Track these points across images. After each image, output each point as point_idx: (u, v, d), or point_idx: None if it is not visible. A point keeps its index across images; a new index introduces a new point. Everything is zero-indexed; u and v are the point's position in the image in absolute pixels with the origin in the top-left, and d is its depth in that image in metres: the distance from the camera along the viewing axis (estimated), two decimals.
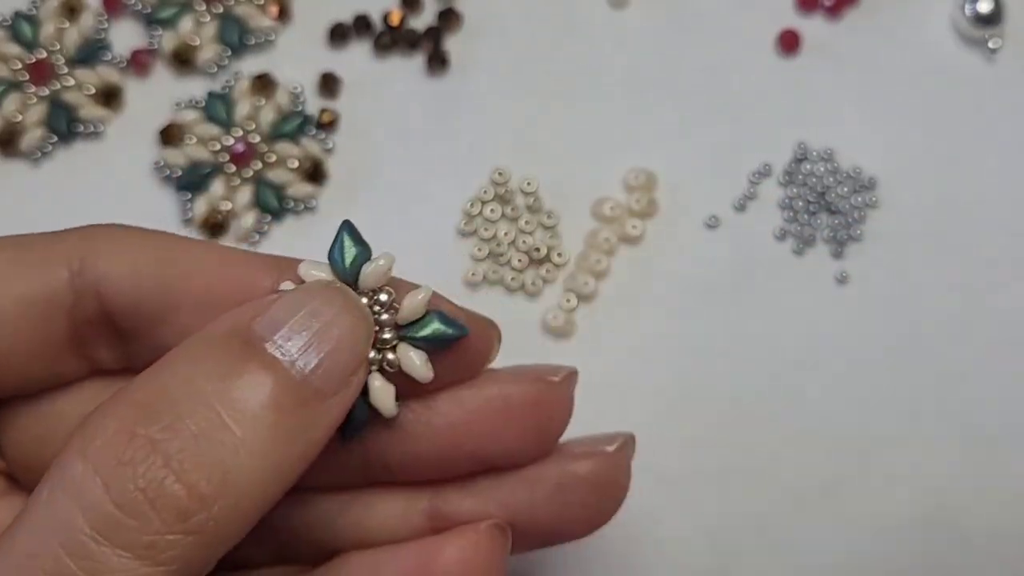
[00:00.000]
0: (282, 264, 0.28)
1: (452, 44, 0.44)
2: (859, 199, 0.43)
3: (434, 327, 0.27)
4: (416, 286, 0.28)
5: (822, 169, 0.43)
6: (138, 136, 0.43)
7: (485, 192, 0.42)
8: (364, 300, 0.27)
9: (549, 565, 0.39)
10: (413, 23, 0.45)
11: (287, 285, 0.27)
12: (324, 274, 0.27)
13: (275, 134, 0.43)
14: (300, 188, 0.43)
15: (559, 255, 0.42)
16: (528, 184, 0.42)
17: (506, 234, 0.42)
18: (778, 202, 0.43)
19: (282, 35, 0.45)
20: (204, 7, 0.44)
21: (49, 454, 0.27)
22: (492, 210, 0.42)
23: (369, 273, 0.27)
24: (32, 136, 0.42)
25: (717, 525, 0.40)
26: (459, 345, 0.27)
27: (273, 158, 0.43)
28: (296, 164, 0.43)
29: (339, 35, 0.44)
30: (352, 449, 0.28)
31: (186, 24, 0.44)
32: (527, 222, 0.42)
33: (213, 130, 0.43)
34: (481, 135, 0.43)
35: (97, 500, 0.21)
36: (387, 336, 0.27)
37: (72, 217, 0.42)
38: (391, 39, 0.44)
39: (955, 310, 0.42)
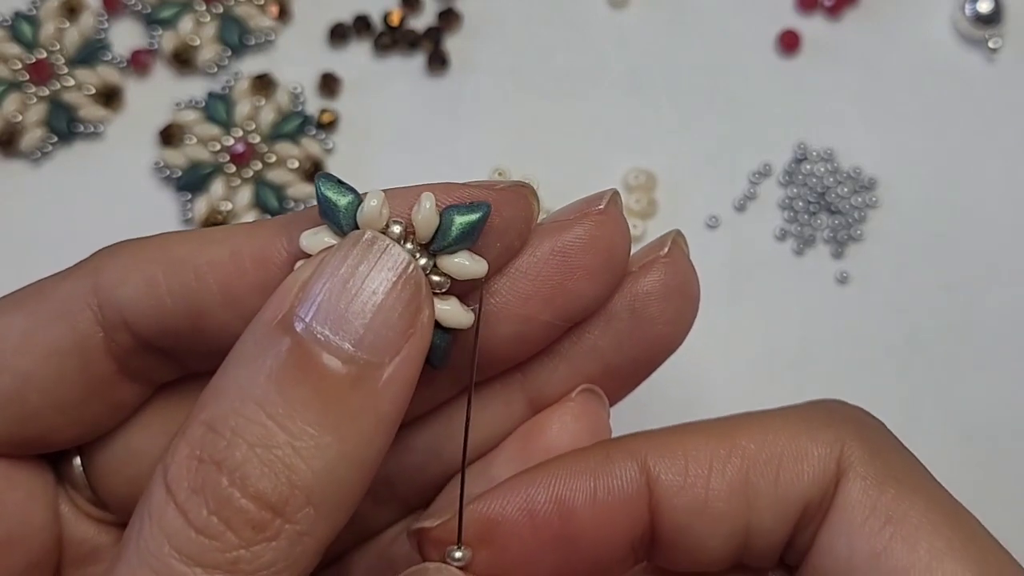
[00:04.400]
0: (289, 224, 0.26)
1: (452, 44, 0.44)
2: (859, 199, 0.43)
3: (457, 224, 0.25)
4: (415, 193, 0.25)
5: (822, 169, 0.43)
6: (138, 136, 0.43)
7: None
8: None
9: None
10: (413, 23, 0.45)
11: (300, 265, 0.25)
12: (326, 237, 0.25)
13: (275, 134, 0.43)
14: (300, 188, 0.43)
15: None
16: None
17: None
18: (778, 202, 0.43)
19: (282, 35, 0.45)
20: (204, 7, 0.44)
21: (141, 491, 0.27)
22: None
23: (365, 217, 0.24)
24: (32, 136, 0.42)
25: None
26: (493, 222, 0.25)
27: (273, 158, 0.43)
28: (296, 164, 0.43)
29: (339, 35, 0.44)
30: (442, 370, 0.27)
31: (186, 24, 0.44)
32: None
33: (213, 130, 0.43)
34: (481, 135, 0.43)
35: (179, 528, 0.22)
36: (423, 262, 0.25)
37: (72, 217, 0.42)
38: (391, 39, 0.44)
39: (955, 310, 0.42)
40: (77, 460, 0.29)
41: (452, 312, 0.25)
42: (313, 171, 0.43)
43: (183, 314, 0.26)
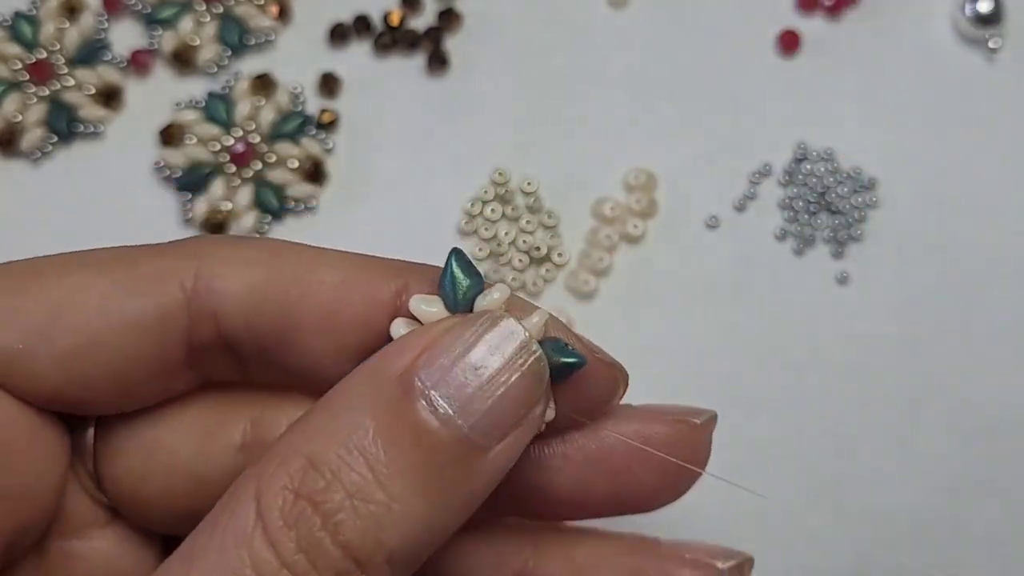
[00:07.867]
0: (403, 271, 0.26)
1: (452, 44, 0.44)
2: (859, 199, 0.43)
3: (552, 357, 0.25)
4: (531, 308, 0.25)
5: (822, 169, 0.43)
6: (138, 136, 0.43)
7: (485, 192, 0.42)
8: None
9: None
10: (413, 23, 0.45)
11: (398, 326, 0.25)
12: (436, 308, 0.25)
13: (275, 134, 0.43)
14: (300, 188, 0.43)
15: (559, 255, 0.42)
16: (528, 184, 0.42)
17: (507, 234, 0.42)
18: (778, 202, 0.43)
19: (282, 35, 0.45)
20: (204, 7, 0.44)
21: (150, 487, 0.28)
22: (492, 210, 0.42)
23: (484, 308, 0.25)
24: (32, 136, 0.42)
25: (717, 524, 0.40)
26: (580, 380, 0.25)
27: (273, 158, 0.43)
28: (296, 164, 0.43)
29: (339, 35, 0.44)
30: None
31: (186, 24, 0.44)
32: (528, 222, 0.42)
33: (213, 130, 0.43)
34: (481, 135, 0.43)
35: (265, 558, 0.22)
36: None
37: (72, 217, 0.42)
38: (391, 39, 0.44)
39: (955, 310, 0.42)
40: (91, 431, 0.28)
41: None
42: (313, 171, 0.43)
43: (276, 325, 0.26)
